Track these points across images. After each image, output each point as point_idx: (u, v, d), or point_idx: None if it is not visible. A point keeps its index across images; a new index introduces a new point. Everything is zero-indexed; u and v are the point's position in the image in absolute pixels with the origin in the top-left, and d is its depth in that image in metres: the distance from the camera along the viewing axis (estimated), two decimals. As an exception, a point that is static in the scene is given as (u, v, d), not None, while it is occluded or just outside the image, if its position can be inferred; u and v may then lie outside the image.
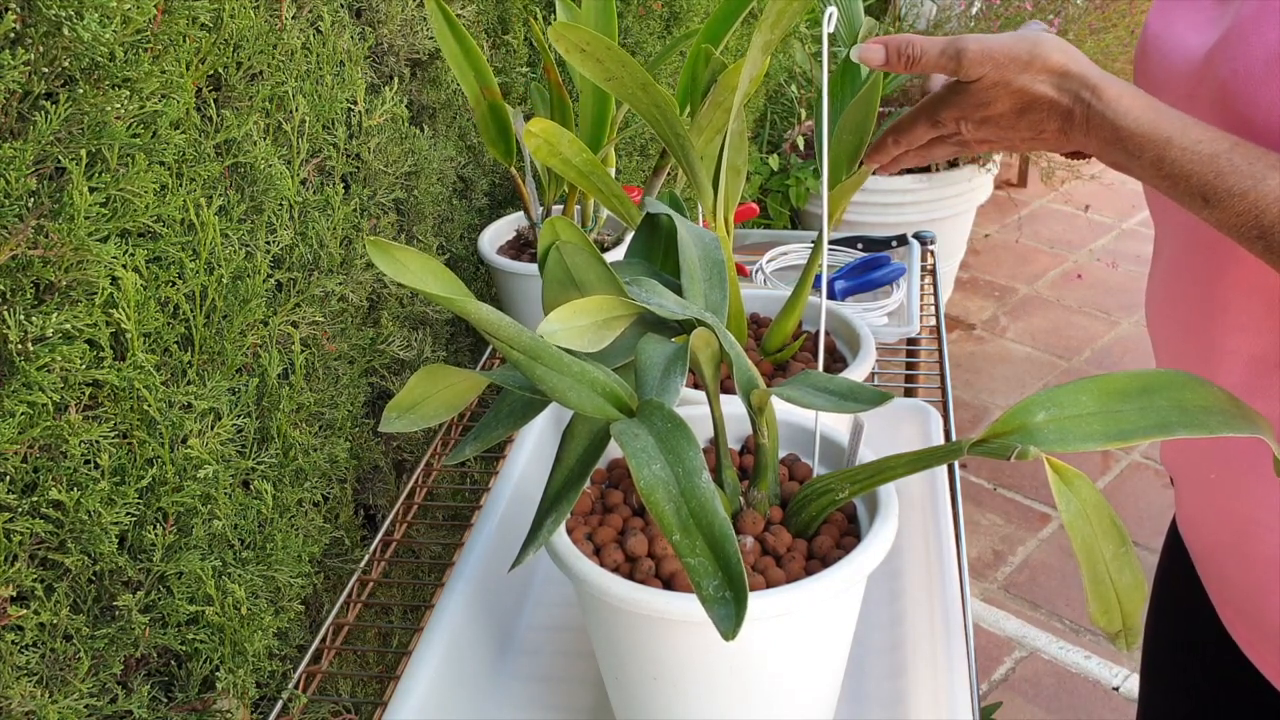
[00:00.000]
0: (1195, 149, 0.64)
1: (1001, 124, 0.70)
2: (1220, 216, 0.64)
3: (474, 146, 1.33)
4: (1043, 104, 0.68)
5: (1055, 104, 0.68)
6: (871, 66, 0.72)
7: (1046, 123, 0.69)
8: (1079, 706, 1.96)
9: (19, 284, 0.65)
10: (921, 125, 0.75)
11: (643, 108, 0.81)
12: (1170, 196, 0.67)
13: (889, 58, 0.71)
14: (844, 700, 0.77)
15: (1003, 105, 0.69)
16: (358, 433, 1.08)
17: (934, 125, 0.74)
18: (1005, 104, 0.69)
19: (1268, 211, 0.62)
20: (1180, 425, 0.57)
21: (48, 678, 0.70)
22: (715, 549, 0.53)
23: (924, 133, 0.75)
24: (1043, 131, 0.70)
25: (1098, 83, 0.67)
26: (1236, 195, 0.63)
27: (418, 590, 1.15)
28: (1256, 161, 0.63)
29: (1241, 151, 0.64)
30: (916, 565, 0.89)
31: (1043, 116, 0.69)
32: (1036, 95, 0.68)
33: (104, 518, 0.70)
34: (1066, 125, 0.68)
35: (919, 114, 0.75)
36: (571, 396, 0.62)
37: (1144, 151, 0.66)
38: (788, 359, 0.94)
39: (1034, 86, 0.68)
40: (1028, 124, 0.70)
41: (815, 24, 2.87)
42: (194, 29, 0.78)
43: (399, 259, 0.61)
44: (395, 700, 0.76)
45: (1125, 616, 0.57)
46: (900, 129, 0.76)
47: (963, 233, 3.10)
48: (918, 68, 0.71)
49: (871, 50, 0.71)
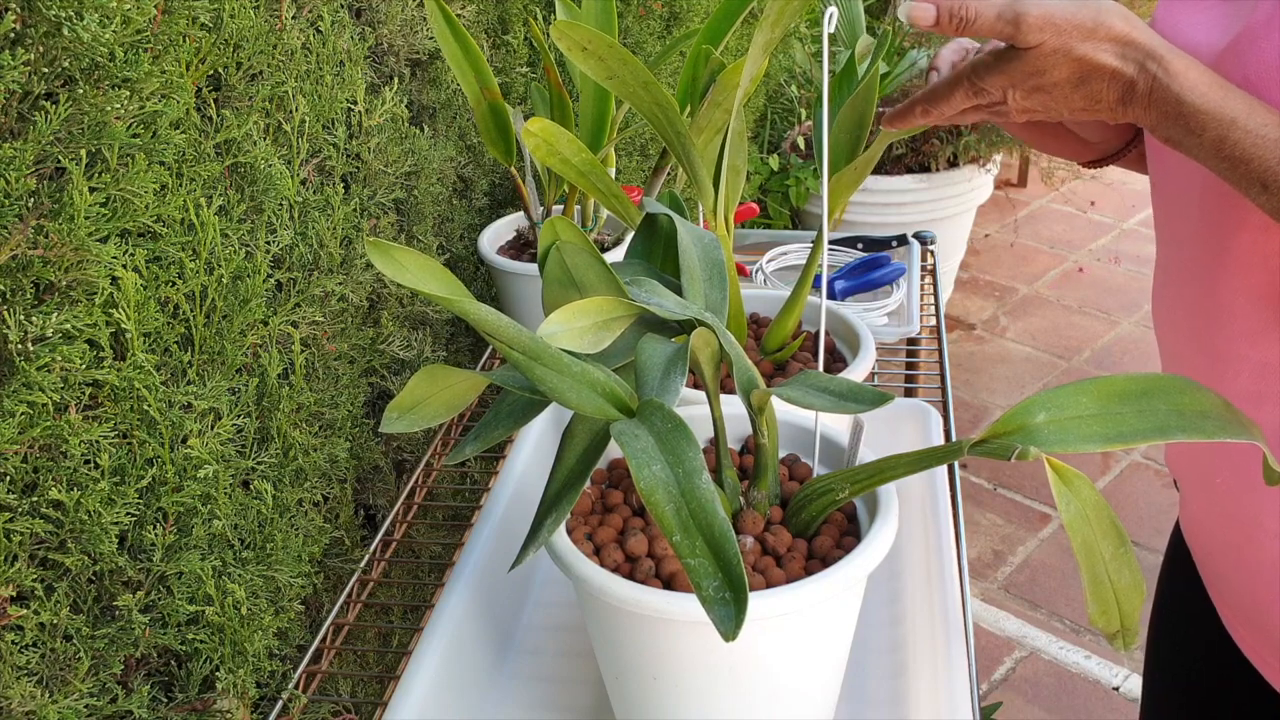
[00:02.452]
0: (1261, 132, 0.62)
1: (1055, 94, 0.66)
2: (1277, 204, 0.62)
3: (474, 146, 1.33)
4: (1105, 73, 0.65)
5: (1118, 73, 0.64)
6: (921, 28, 0.67)
7: (1106, 93, 0.65)
8: (1079, 706, 1.96)
9: (19, 284, 0.65)
10: (961, 93, 0.70)
11: (644, 106, 0.81)
12: (1226, 178, 0.64)
13: (940, 18, 0.66)
14: (844, 700, 0.77)
15: (1060, 74, 0.65)
16: (358, 433, 1.08)
17: (976, 93, 0.69)
18: (1063, 72, 0.65)
19: None
20: (1178, 429, 0.57)
21: (48, 678, 0.70)
22: (715, 549, 0.53)
23: (962, 101, 0.70)
24: (1099, 103, 0.66)
25: (1164, 54, 0.64)
26: None
27: (418, 590, 1.15)
28: None
29: None
30: (916, 565, 0.89)
31: (1103, 87, 0.65)
32: (1099, 64, 0.64)
33: (104, 518, 0.70)
34: (1128, 96, 0.65)
35: (958, 80, 0.70)
36: (571, 397, 0.62)
37: (1206, 130, 0.63)
38: (787, 359, 0.94)
39: (1097, 55, 0.64)
40: (1084, 95, 0.66)
41: (815, 24, 2.87)
42: (194, 29, 0.78)
43: (398, 259, 0.61)
44: (395, 700, 0.76)
45: (1124, 617, 0.57)
46: (935, 97, 0.71)
47: (963, 233, 3.10)
48: (971, 30, 0.66)
49: (922, 9, 0.66)
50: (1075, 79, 0.65)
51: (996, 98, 0.68)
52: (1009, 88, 0.67)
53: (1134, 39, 0.64)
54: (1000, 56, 0.67)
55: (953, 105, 0.71)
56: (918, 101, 0.73)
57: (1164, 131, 0.65)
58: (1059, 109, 0.67)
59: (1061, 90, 0.66)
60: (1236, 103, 0.63)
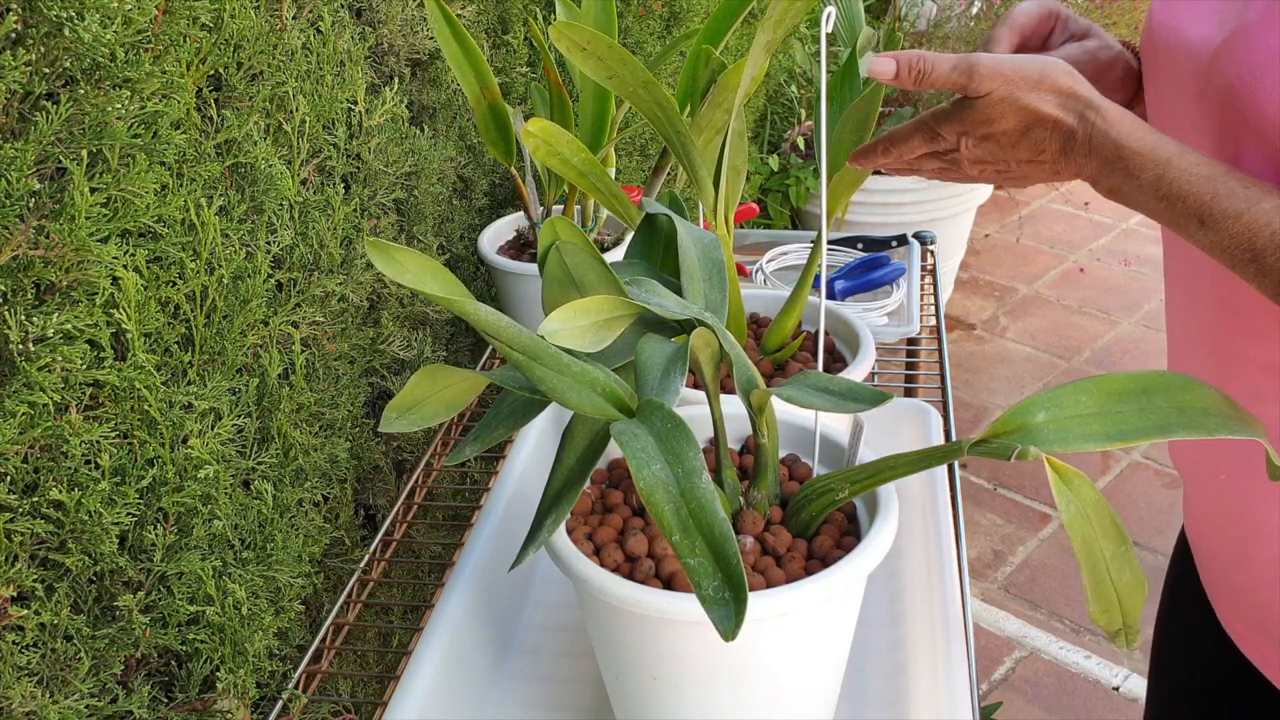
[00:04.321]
0: (1194, 170, 0.66)
1: (1003, 142, 0.71)
2: (1214, 239, 0.65)
3: (474, 146, 1.33)
4: (1047, 122, 0.69)
5: (1059, 123, 0.69)
6: (882, 81, 0.73)
7: (1048, 142, 0.70)
8: (1079, 706, 1.96)
9: (20, 284, 0.65)
10: (919, 137, 0.75)
11: (644, 106, 0.81)
12: (1165, 220, 0.68)
13: (900, 72, 0.72)
14: (844, 700, 0.77)
15: (1007, 122, 0.70)
16: (358, 433, 1.08)
17: (932, 139, 0.74)
18: (1010, 121, 0.70)
19: (1260, 234, 0.63)
20: (1179, 427, 0.57)
21: (48, 678, 0.70)
22: (715, 549, 0.53)
23: (919, 145, 0.75)
24: (1042, 153, 0.71)
25: (1101, 105, 0.69)
26: (1231, 217, 0.64)
27: (418, 590, 1.15)
28: (1251, 186, 0.64)
29: (1237, 176, 0.65)
30: (916, 565, 0.89)
31: (1045, 135, 0.70)
32: (1042, 113, 0.69)
33: (104, 518, 0.70)
34: (1069, 145, 0.69)
35: (918, 126, 0.75)
36: (571, 397, 0.62)
37: (1144, 171, 0.67)
38: (787, 359, 0.94)
39: (1040, 105, 0.69)
40: (1029, 143, 0.71)
41: (815, 24, 2.87)
42: (194, 29, 0.78)
43: (398, 260, 0.61)
44: (395, 700, 0.76)
45: (1125, 615, 0.57)
46: (896, 139, 0.76)
47: (963, 233, 3.10)
48: (928, 82, 0.72)
49: (882, 64, 0.72)
50: (1021, 128, 0.70)
51: (951, 144, 0.73)
52: (962, 135, 0.72)
53: (1075, 91, 0.69)
54: (956, 105, 0.72)
55: (911, 148, 0.76)
56: (880, 141, 0.77)
57: (1108, 179, 0.69)
58: (1006, 158, 0.72)
59: (1009, 138, 0.71)
60: (1168, 145, 0.67)
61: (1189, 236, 0.67)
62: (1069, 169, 0.71)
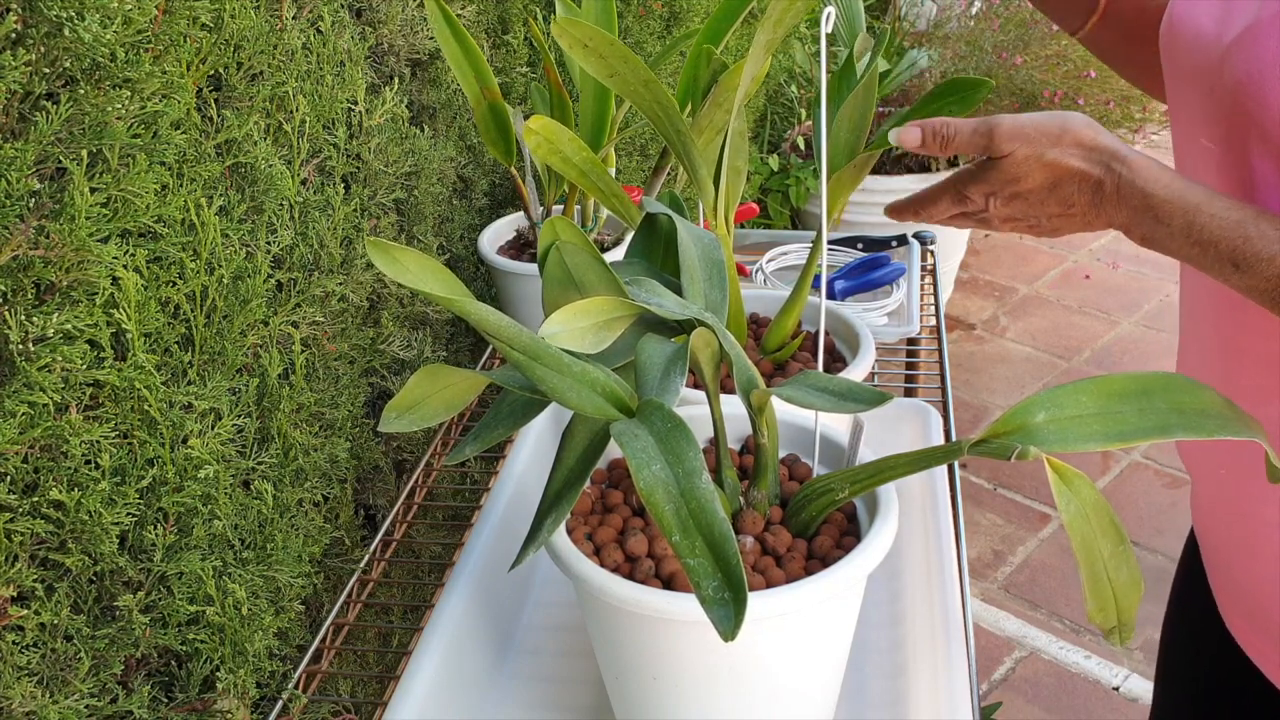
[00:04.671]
0: (1223, 215, 0.66)
1: (1031, 199, 0.71)
2: (1250, 281, 0.66)
3: (474, 146, 1.33)
4: (1074, 176, 0.70)
5: (1086, 175, 0.69)
6: (909, 149, 0.75)
7: (1077, 196, 0.70)
8: (1079, 706, 1.96)
9: (20, 284, 0.65)
10: (946, 200, 0.76)
11: (645, 104, 0.81)
12: (1200, 265, 0.68)
13: (925, 139, 0.74)
14: (844, 700, 0.77)
15: (1034, 180, 0.71)
16: (358, 433, 1.08)
17: (960, 200, 0.75)
18: (1037, 178, 0.70)
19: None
20: (1178, 427, 0.57)
21: (48, 678, 0.70)
22: (715, 550, 0.53)
23: (948, 208, 0.76)
24: (1072, 206, 0.71)
25: (1126, 154, 0.69)
26: (1265, 260, 0.65)
27: (418, 590, 1.15)
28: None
29: (1267, 218, 0.66)
30: (916, 565, 0.89)
31: (1073, 190, 0.70)
32: (1068, 168, 0.70)
33: (104, 518, 0.70)
34: (1097, 197, 0.70)
35: (945, 189, 0.76)
36: (571, 397, 0.62)
37: (1174, 218, 0.67)
38: (787, 359, 0.94)
39: (1065, 159, 0.70)
40: (1057, 199, 0.71)
41: (815, 24, 2.87)
42: (194, 29, 0.78)
43: (399, 259, 0.61)
44: (395, 700, 0.76)
45: (1120, 613, 0.57)
46: (924, 201, 0.77)
47: (962, 232, 3.10)
48: (951, 146, 0.73)
49: (909, 134, 0.74)
50: (1048, 184, 0.71)
51: (979, 205, 0.74)
52: (990, 195, 0.73)
53: (1099, 143, 0.70)
54: (981, 166, 0.73)
55: (940, 210, 0.77)
56: (912, 201, 0.79)
57: (1139, 228, 0.69)
58: (1036, 215, 0.73)
59: (1037, 195, 0.71)
60: (1196, 191, 0.67)
61: (1225, 280, 0.67)
62: (1100, 220, 0.71)
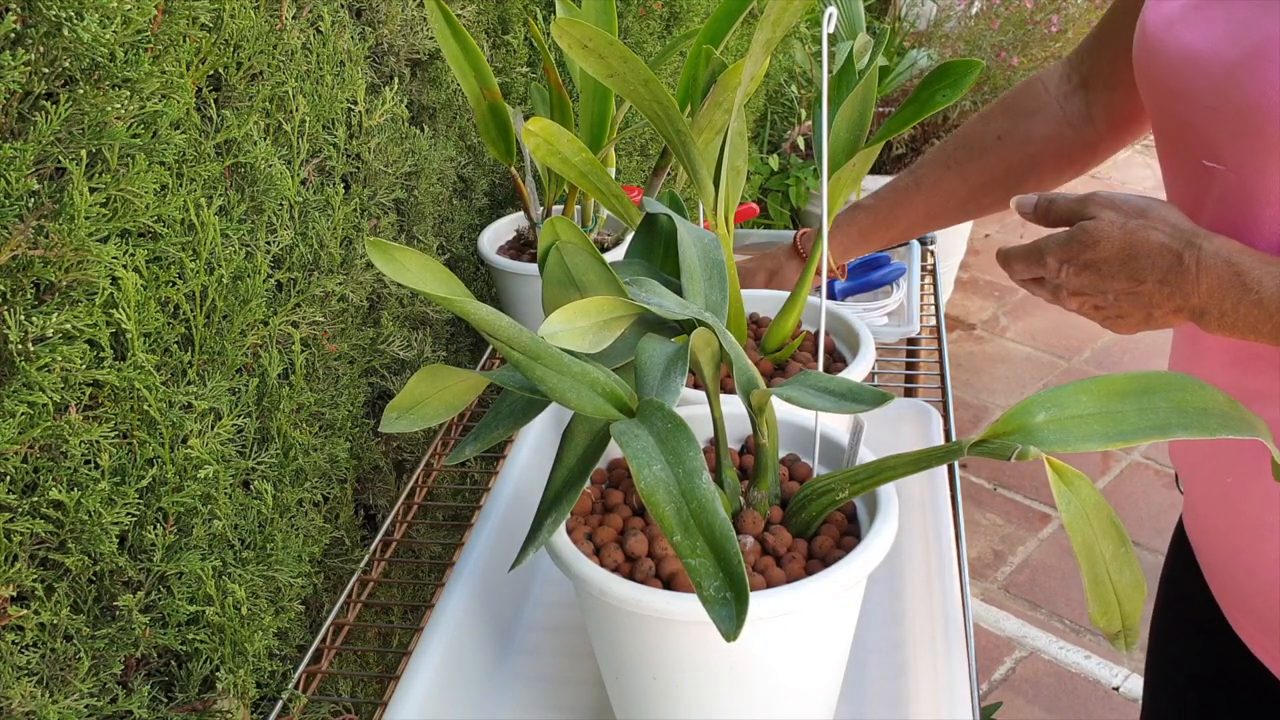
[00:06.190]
0: None
1: (1103, 271, 0.73)
2: None
3: (474, 146, 1.33)
4: (1152, 249, 0.71)
5: (1166, 248, 0.70)
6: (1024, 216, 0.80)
7: (1148, 272, 0.71)
8: (1079, 706, 1.96)
9: (19, 284, 0.65)
10: (1023, 262, 0.78)
11: (644, 104, 0.81)
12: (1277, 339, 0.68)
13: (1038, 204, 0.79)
14: (844, 700, 0.77)
15: (1110, 248, 0.72)
16: (358, 433, 1.08)
17: (1037, 263, 0.77)
18: (1114, 246, 0.72)
19: None
20: (1179, 427, 0.57)
21: (48, 678, 0.70)
22: (716, 549, 0.53)
23: (1022, 270, 0.79)
24: (1142, 282, 0.71)
25: (1208, 234, 0.70)
26: None
27: (418, 590, 1.15)
28: None
29: None
30: (916, 565, 0.89)
31: (1147, 264, 0.71)
32: (1147, 240, 0.71)
33: (104, 518, 0.70)
34: (1173, 274, 0.70)
35: (1026, 250, 0.78)
36: (572, 397, 0.62)
37: (1264, 284, 0.67)
38: (787, 359, 0.94)
39: (1144, 231, 0.71)
40: (1128, 273, 0.72)
41: (815, 24, 2.87)
42: (194, 29, 0.78)
43: (399, 259, 0.61)
44: (395, 700, 0.76)
45: (1125, 617, 0.57)
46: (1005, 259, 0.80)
47: (963, 233, 3.10)
48: (1053, 213, 0.77)
49: (1028, 200, 0.79)
50: (1123, 254, 0.72)
51: (1053, 271, 0.76)
52: (1065, 262, 0.75)
53: (1181, 225, 0.71)
54: (1067, 231, 0.75)
55: (1015, 271, 0.80)
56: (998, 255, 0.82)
57: (1218, 303, 0.69)
58: (1105, 289, 0.73)
59: (1109, 266, 0.72)
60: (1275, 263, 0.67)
61: None
62: (1170, 300, 0.71)
